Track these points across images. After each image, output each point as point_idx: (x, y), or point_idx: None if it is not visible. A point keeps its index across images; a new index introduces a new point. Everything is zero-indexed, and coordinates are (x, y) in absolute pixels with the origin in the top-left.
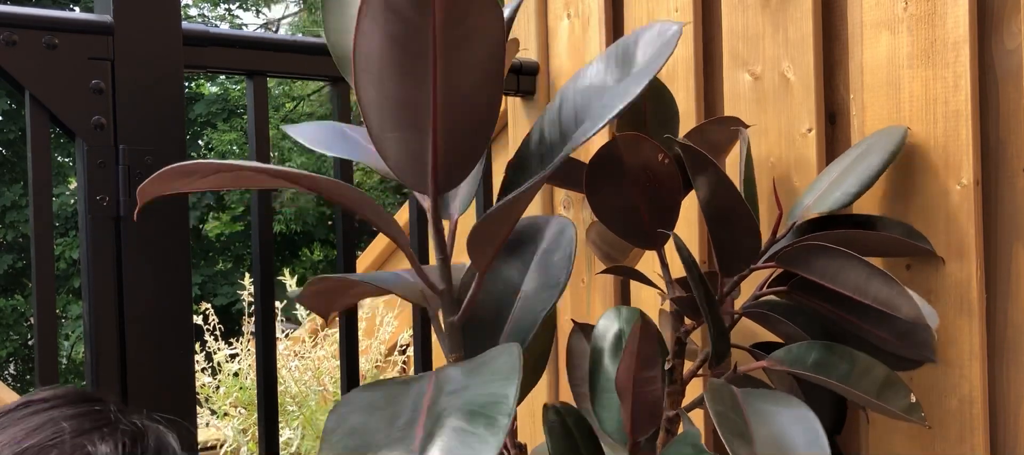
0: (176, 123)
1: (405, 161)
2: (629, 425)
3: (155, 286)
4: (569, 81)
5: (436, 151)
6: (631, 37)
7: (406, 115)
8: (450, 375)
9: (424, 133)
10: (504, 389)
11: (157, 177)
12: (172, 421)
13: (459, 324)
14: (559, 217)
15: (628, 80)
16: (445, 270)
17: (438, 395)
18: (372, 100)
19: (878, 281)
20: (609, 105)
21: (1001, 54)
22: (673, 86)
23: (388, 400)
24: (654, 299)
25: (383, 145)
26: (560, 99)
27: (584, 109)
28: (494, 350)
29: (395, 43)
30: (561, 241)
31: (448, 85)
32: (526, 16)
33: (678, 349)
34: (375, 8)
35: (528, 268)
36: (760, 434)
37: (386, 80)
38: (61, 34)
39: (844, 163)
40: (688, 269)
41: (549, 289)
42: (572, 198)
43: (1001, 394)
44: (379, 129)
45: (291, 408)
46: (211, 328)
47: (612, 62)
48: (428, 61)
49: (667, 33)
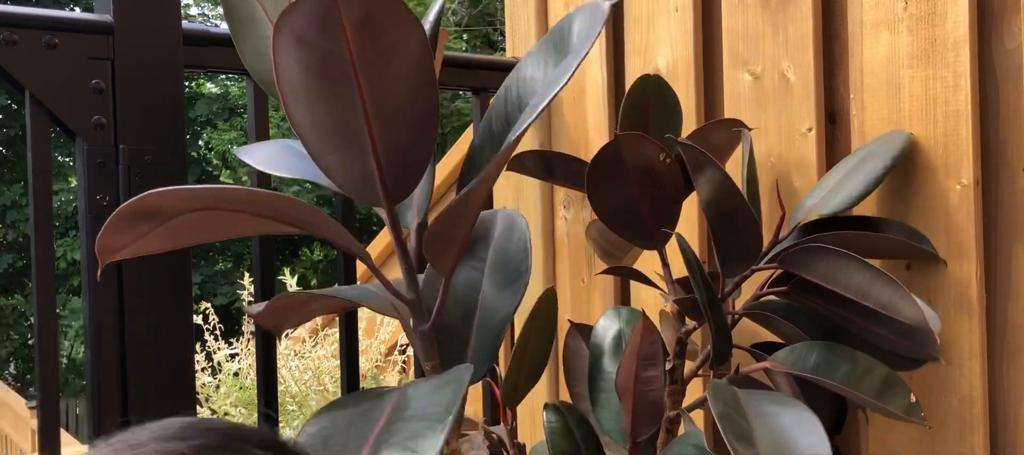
0: (176, 123)
1: (351, 180)
2: (629, 425)
3: (155, 286)
4: (512, 72)
5: (379, 166)
6: (564, 21)
7: (343, 137)
8: (410, 397)
9: (364, 151)
10: (435, 424)
11: (110, 225)
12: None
13: (431, 332)
14: (505, 210)
15: (561, 66)
16: (411, 279)
17: (391, 422)
18: (305, 126)
19: (880, 284)
20: (544, 92)
21: (1001, 54)
22: (673, 86)
23: (356, 419)
24: (654, 299)
25: (326, 167)
26: (504, 90)
27: (527, 96)
28: (450, 373)
29: (314, 72)
30: (513, 234)
31: (377, 102)
32: (526, 16)
33: (679, 349)
34: (287, 41)
35: (485, 267)
36: (762, 435)
37: (315, 105)
38: (61, 34)
39: (847, 167)
40: (691, 270)
41: (511, 287)
42: (572, 197)
43: (1001, 394)
44: (318, 152)
45: (291, 408)
46: (211, 328)
47: (550, 48)
48: (351, 84)
49: (598, 11)
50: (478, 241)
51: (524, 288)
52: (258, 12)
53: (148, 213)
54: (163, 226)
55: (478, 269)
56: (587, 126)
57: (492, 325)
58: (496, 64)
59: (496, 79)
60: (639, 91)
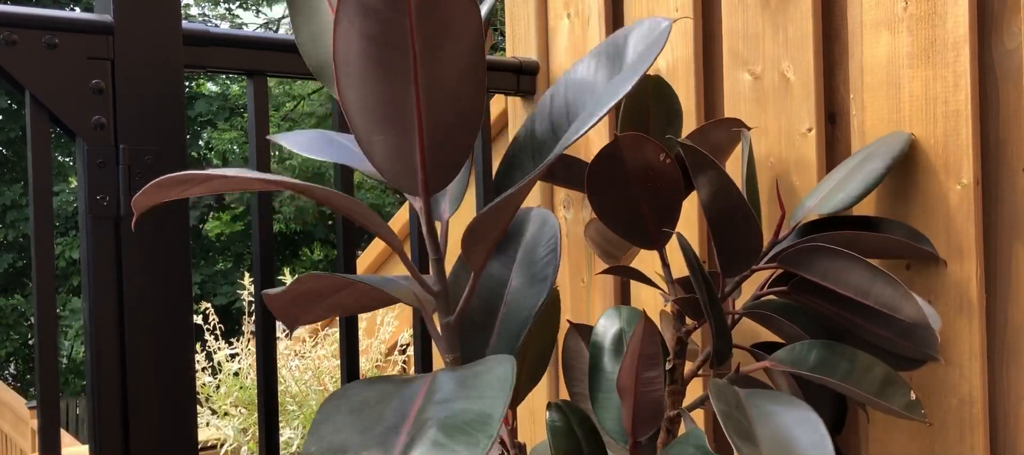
0: (176, 122)
1: (393, 163)
2: (630, 425)
3: (155, 286)
4: (561, 77)
5: (423, 151)
6: (622, 33)
7: (391, 115)
8: (442, 383)
9: (410, 134)
10: (490, 409)
11: (153, 186)
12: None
13: (455, 325)
14: (539, 208)
15: (619, 77)
16: (440, 271)
17: (427, 403)
18: (355, 103)
19: (881, 283)
20: (600, 102)
21: (1001, 54)
22: (673, 86)
23: (380, 398)
24: (654, 299)
25: (370, 148)
26: (551, 95)
27: (576, 105)
28: (491, 360)
29: (373, 42)
30: (544, 233)
31: (430, 81)
32: (526, 15)
33: (679, 349)
34: (350, 9)
35: (514, 263)
36: (764, 434)
37: (368, 80)
38: (61, 34)
39: (848, 167)
40: (691, 269)
41: (537, 284)
42: (572, 197)
43: (1001, 394)
44: (365, 132)
45: (291, 408)
46: (211, 328)
47: (603, 58)
48: (408, 57)
49: (657, 28)
50: (509, 238)
51: (549, 287)
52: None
53: (181, 181)
54: (193, 188)
55: (507, 266)
56: None
57: (516, 321)
58: (495, 64)
59: (497, 79)
60: (639, 91)
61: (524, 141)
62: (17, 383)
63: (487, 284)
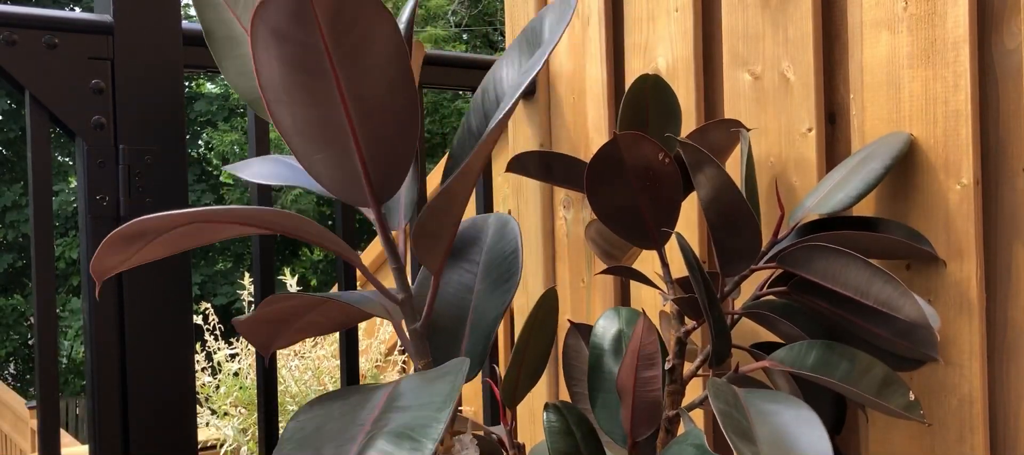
0: (176, 123)
1: (338, 180)
2: (629, 425)
3: (155, 286)
4: (490, 71)
5: (364, 164)
6: (538, 18)
7: (326, 135)
8: (403, 390)
9: (348, 149)
10: (437, 413)
11: (105, 247)
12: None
13: (422, 331)
14: (498, 213)
15: (533, 59)
16: (401, 279)
17: (386, 411)
18: (290, 127)
19: (880, 282)
20: (519, 81)
21: (1001, 54)
22: (673, 86)
23: (348, 409)
24: (654, 299)
25: (313, 168)
26: (483, 89)
27: (501, 92)
28: (449, 364)
29: (293, 66)
30: (505, 236)
31: (356, 97)
32: (526, 15)
33: (678, 349)
34: (263, 36)
35: (478, 269)
36: (763, 434)
37: (297, 104)
38: (61, 34)
39: (847, 167)
40: (691, 269)
41: (501, 288)
42: (572, 197)
43: (1001, 394)
44: (305, 153)
45: (291, 408)
46: (211, 328)
47: (524, 44)
48: (329, 77)
49: (566, 6)
50: (471, 244)
51: (514, 288)
52: (236, 29)
53: (138, 235)
54: (154, 240)
55: (471, 271)
56: (587, 126)
57: (484, 325)
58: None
59: None
60: (639, 91)
61: (464, 136)
62: (17, 383)
63: (453, 291)
